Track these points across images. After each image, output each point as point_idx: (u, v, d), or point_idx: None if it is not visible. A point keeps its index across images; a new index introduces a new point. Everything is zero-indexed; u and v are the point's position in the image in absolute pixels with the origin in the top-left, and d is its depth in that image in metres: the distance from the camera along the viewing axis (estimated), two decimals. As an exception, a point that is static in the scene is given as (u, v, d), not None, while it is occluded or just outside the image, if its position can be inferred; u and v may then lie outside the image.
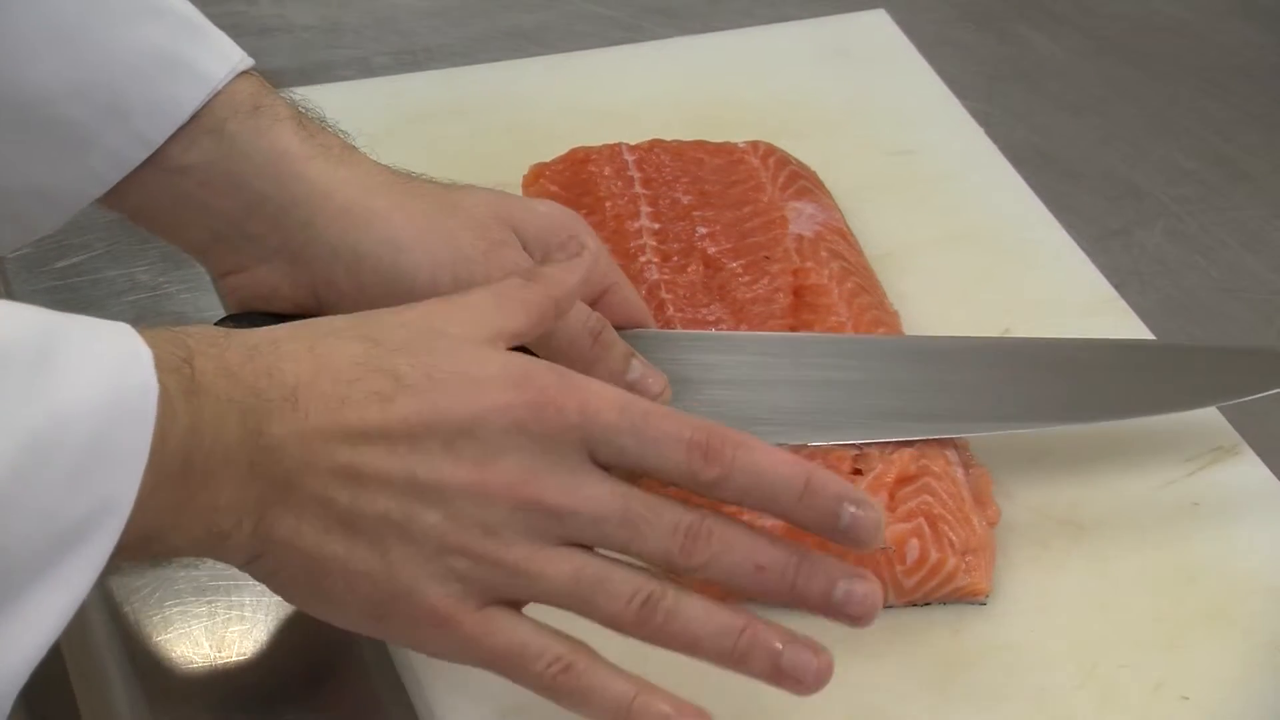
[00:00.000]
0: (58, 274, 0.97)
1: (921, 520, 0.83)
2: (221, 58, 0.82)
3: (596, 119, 1.05)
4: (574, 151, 0.99)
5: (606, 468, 0.71)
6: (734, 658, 0.71)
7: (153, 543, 0.69)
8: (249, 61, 0.83)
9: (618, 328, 0.84)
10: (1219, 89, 1.17)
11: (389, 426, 0.70)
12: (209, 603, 0.82)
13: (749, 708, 0.79)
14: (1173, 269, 1.05)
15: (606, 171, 0.97)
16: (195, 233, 0.83)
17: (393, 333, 0.72)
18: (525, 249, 0.83)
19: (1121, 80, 1.18)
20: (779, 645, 0.71)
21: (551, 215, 0.85)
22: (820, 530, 0.71)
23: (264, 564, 0.72)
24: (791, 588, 0.71)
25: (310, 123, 0.84)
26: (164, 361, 0.67)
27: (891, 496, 0.83)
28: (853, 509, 0.71)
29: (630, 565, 0.71)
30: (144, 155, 0.81)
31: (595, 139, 0.99)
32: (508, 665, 0.71)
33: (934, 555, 0.82)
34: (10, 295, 0.96)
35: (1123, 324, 0.97)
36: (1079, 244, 1.02)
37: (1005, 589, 0.84)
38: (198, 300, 0.96)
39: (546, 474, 0.70)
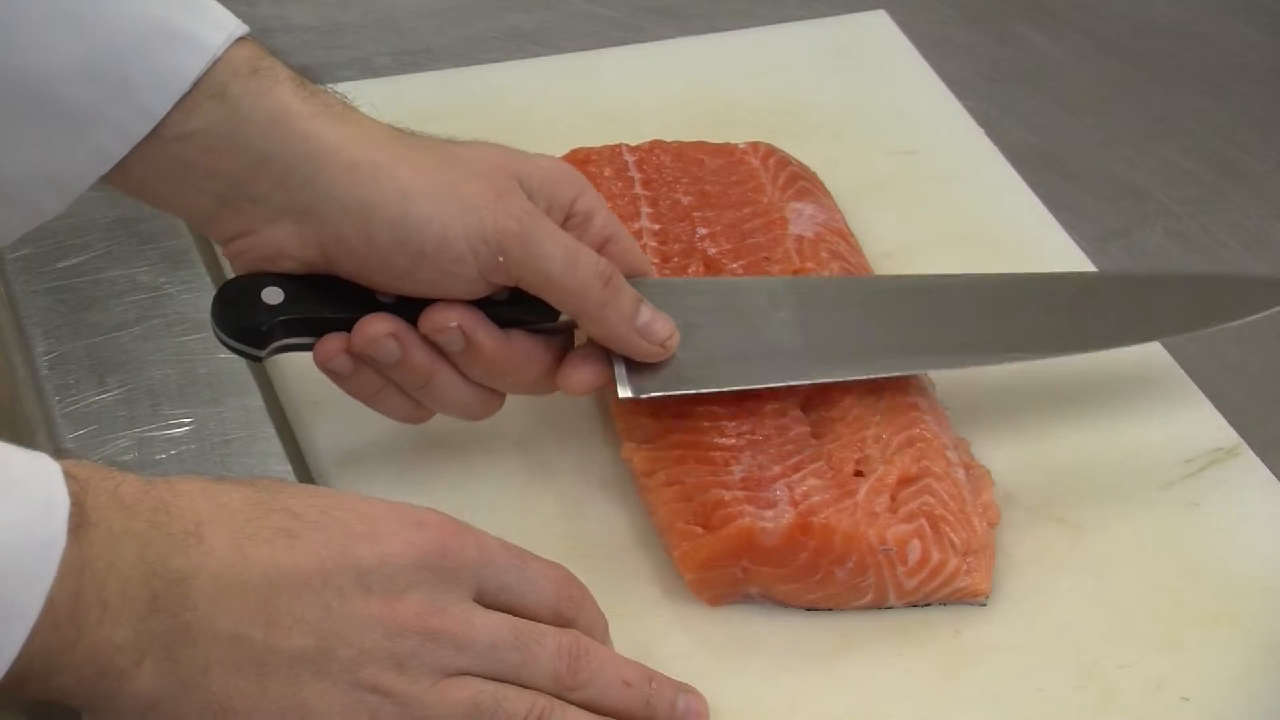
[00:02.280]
0: (58, 274, 0.97)
1: (923, 521, 0.83)
2: (218, 26, 0.81)
3: (596, 119, 1.05)
4: (574, 152, 0.99)
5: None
6: None
7: (31, 683, 0.66)
8: (244, 28, 0.82)
9: None
10: (1219, 89, 1.17)
11: (300, 560, 0.70)
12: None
13: (748, 708, 0.79)
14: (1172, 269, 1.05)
15: (607, 172, 0.97)
16: (199, 200, 0.83)
17: (286, 491, 0.72)
18: (530, 199, 0.83)
19: (1121, 81, 1.18)
20: None
21: (553, 167, 0.86)
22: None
23: (159, 712, 0.68)
24: (646, 703, 0.76)
25: (309, 84, 0.84)
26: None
27: (893, 498, 0.83)
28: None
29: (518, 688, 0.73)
30: (148, 128, 0.80)
31: (595, 139, 0.99)
32: None
33: (935, 556, 0.82)
34: (10, 295, 0.96)
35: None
36: (1079, 244, 1.02)
37: (1005, 589, 0.84)
38: (198, 300, 0.96)
39: (450, 607, 0.72)
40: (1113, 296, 0.92)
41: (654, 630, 0.80)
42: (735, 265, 0.93)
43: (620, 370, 0.85)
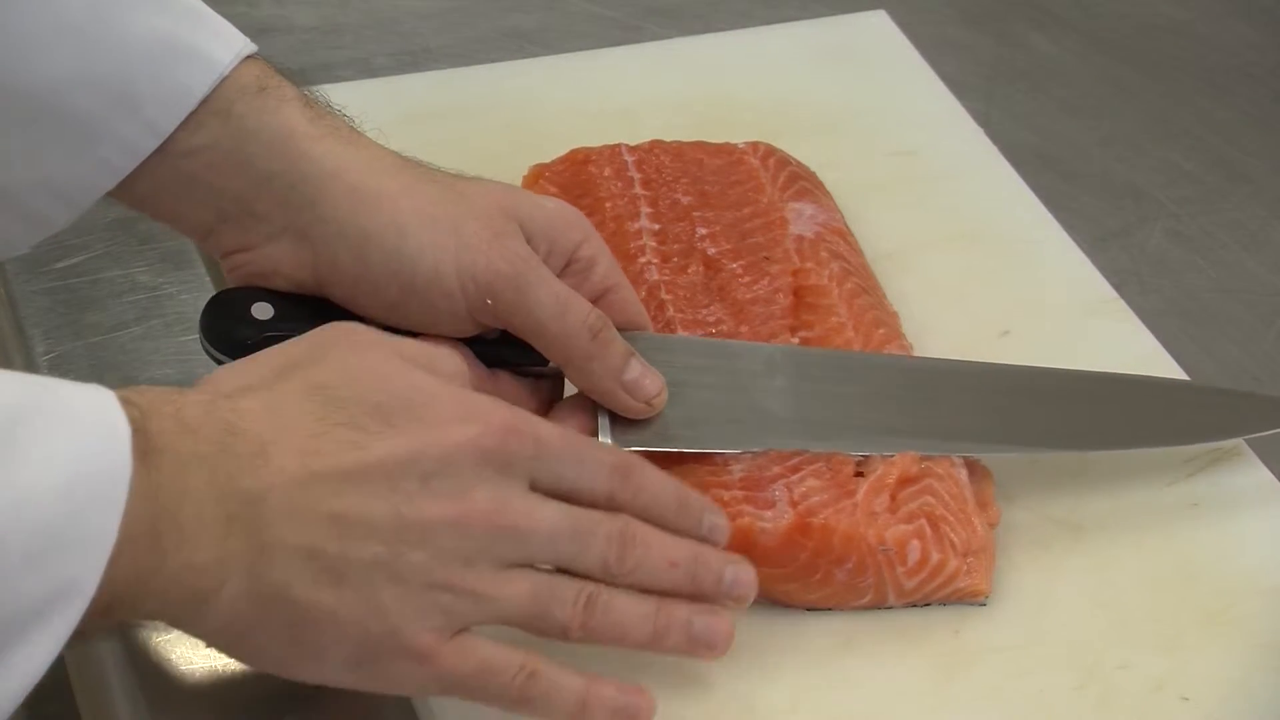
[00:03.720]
0: (58, 274, 0.97)
1: (923, 521, 0.83)
2: (226, 44, 0.82)
3: (596, 119, 1.05)
4: (574, 152, 0.99)
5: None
6: (655, 637, 0.76)
7: (117, 609, 0.67)
8: (252, 47, 0.83)
9: (617, 328, 0.84)
10: (1219, 90, 1.17)
11: (368, 470, 0.71)
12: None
13: (748, 708, 0.79)
14: (1173, 269, 1.05)
15: (606, 172, 0.97)
16: (201, 215, 0.83)
17: (344, 387, 0.73)
18: (531, 243, 0.83)
19: (1121, 81, 1.18)
20: (688, 616, 0.77)
21: (558, 212, 0.85)
22: (692, 535, 0.78)
23: (238, 626, 0.70)
24: (693, 578, 0.77)
25: (317, 105, 0.84)
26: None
27: (893, 498, 0.83)
28: (710, 517, 0.79)
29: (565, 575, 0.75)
30: (155, 144, 0.80)
31: (595, 139, 0.99)
32: (479, 686, 0.73)
33: (935, 556, 0.82)
34: (10, 296, 0.96)
35: (1122, 324, 0.97)
36: (1079, 244, 1.02)
37: (1005, 589, 0.84)
38: (198, 301, 0.95)
39: (511, 500, 0.73)
40: (1122, 399, 0.90)
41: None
42: (735, 265, 0.93)
43: (604, 421, 0.84)
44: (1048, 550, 0.86)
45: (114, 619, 0.68)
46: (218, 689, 0.80)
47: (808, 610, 0.83)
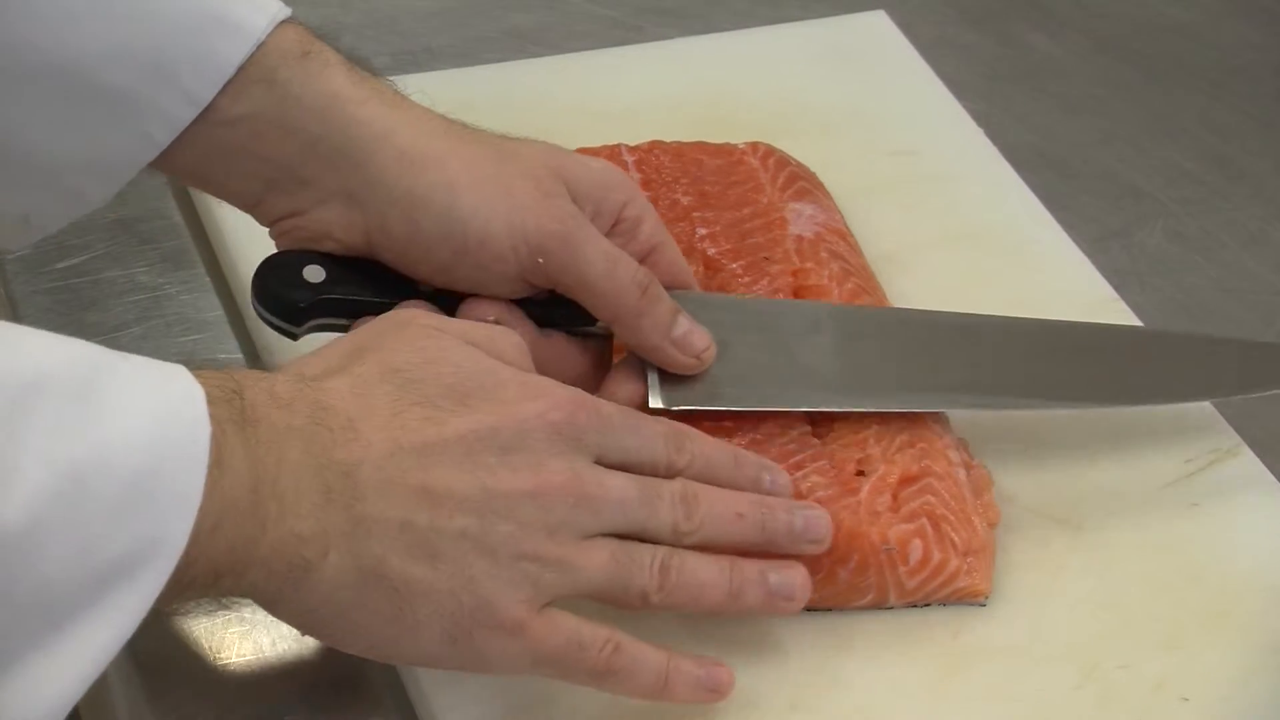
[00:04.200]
0: (58, 274, 0.97)
1: (924, 521, 0.83)
2: (260, 9, 0.81)
3: (596, 119, 1.05)
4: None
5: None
6: (732, 595, 0.77)
7: (224, 578, 0.68)
8: (286, 11, 0.82)
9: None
10: (1219, 89, 1.17)
11: (448, 444, 0.72)
12: (208, 603, 0.82)
13: (748, 708, 0.79)
14: (1173, 269, 1.05)
15: (606, 172, 0.97)
16: (249, 183, 0.83)
17: (417, 370, 0.74)
18: (576, 202, 0.84)
19: (1121, 80, 1.18)
20: (763, 571, 0.78)
21: (603, 172, 0.86)
22: (753, 491, 0.80)
23: (338, 601, 0.71)
24: (762, 528, 0.78)
25: (359, 68, 0.84)
26: (215, 394, 0.68)
27: (894, 497, 0.83)
28: (769, 476, 0.80)
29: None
30: (193, 114, 0.80)
31: (595, 139, 0.99)
32: (567, 659, 0.74)
33: (936, 556, 0.82)
34: (10, 295, 0.96)
35: (1123, 324, 0.97)
36: (1079, 244, 1.02)
37: (1005, 589, 0.84)
38: (198, 301, 0.96)
39: (584, 472, 0.75)
40: (1158, 352, 0.91)
41: (654, 629, 0.80)
42: (735, 265, 0.93)
43: (654, 379, 0.84)
44: (1048, 550, 0.86)
45: (221, 590, 0.69)
46: (217, 688, 0.80)
47: (808, 610, 0.83)
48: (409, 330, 0.76)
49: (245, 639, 0.81)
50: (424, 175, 0.81)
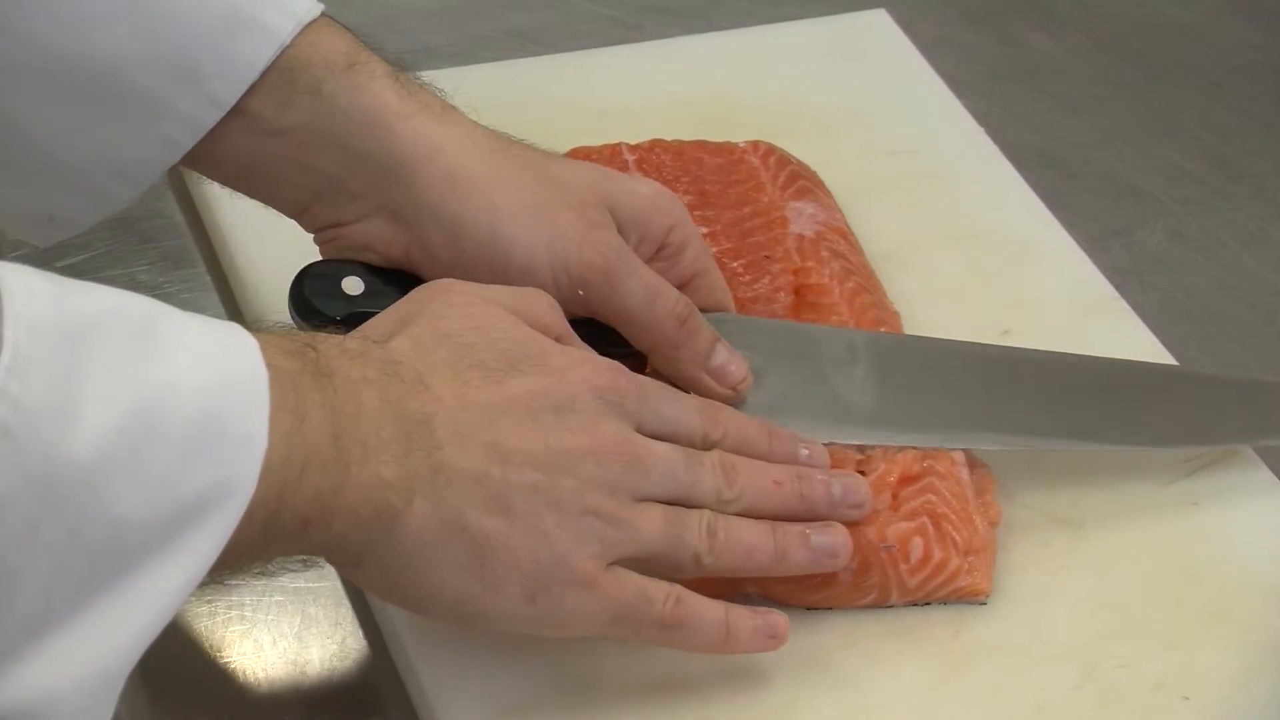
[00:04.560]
0: (58, 273, 0.96)
1: (925, 519, 0.83)
2: (286, 12, 0.81)
3: (596, 119, 1.05)
4: (574, 151, 0.98)
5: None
6: (778, 555, 0.78)
7: (312, 526, 0.68)
8: (316, 10, 0.82)
9: (700, 309, 0.85)
10: (1219, 89, 1.17)
11: (510, 402, 0.73)
12: (209, 602, 0.82)
13: (748, 708, 0.79)
14: (1173, 269, 1.05)
15: (607, 172, 0.97)
16: (295, 193, 0.83)
17: (467, 335, 0.75)
18: (621, 230, 0.84)
19: (1121, 80, 1.18)
20: (806, 531, 0.79)
21: (650, 198, 0.86)
22: (790, 462, 0.81)
23: (425, 554, 0.72)
24: (801, 495, 0.79)
25: (408, 80, 0.84)
26: (287, 346, 0.69)
27: (895, 496, 0.83)
28: (805, 450, 0.82)
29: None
30: (217, 117, 0.80)
31: (595, 139, 0.99)
32: (634, 615, 0.75)
33: (937, 554, 0.82)
34: (10, 295, 0.96)
35: (1123, 324, 0.97)
36: (1079, 244, 1.02)
37: (1005, 589, 0.84)
38: (198, 300, 0.96)
39: (631, 435, 0.76)
40: (1192, 395, 0.91)
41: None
42: (736, 264, 0.93)
43: None
44: (1048, 549, 0.86)
45: (310, 542, 0.69)
46: (217, 687, 0.80)
47: (808, 610, 0.83)
48: (453, 297, 0.76)
49: (245, 638, 0.81)
50: (469, 199, 0.81)
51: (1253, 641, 0.83)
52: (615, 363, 0.78)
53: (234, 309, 0.95)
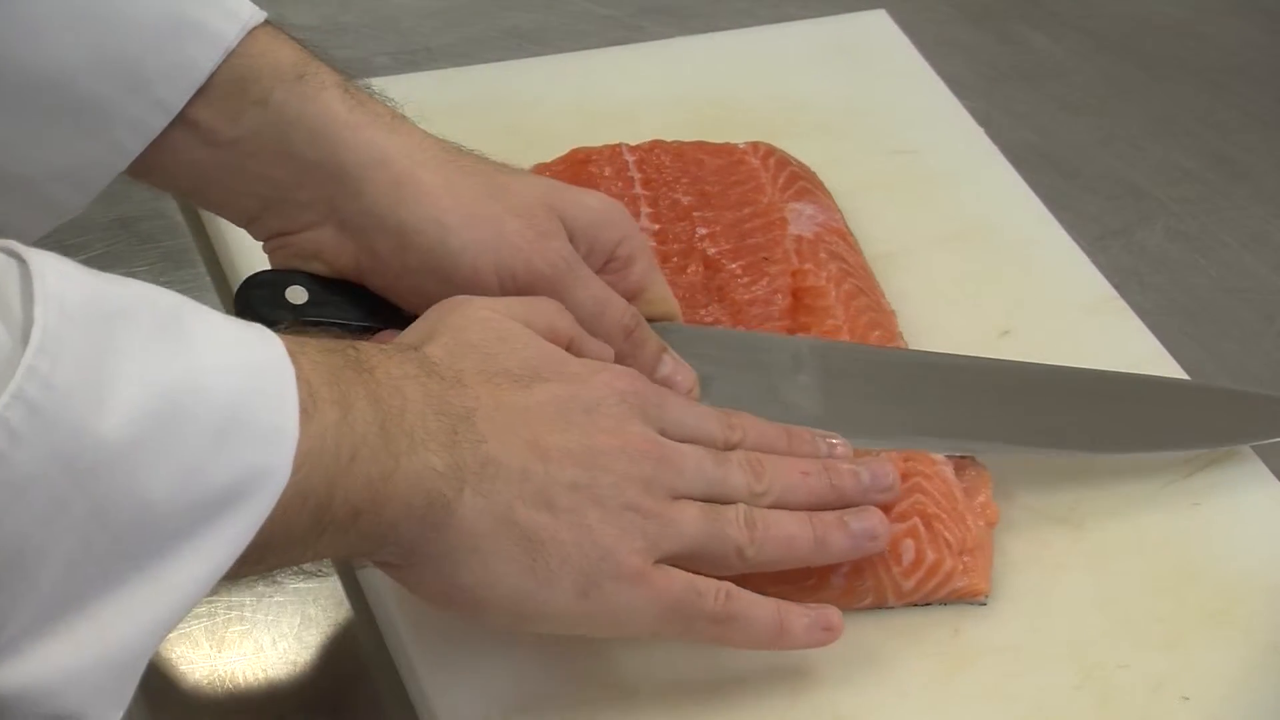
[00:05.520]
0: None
1: (916, 520, 0.83)
2: (231, 16, 0.81)
3: (596, 119, 1.05)
4: (574, 152, 0.99)
5: None
6: (819, 543, 0.79)
7: (363, 516, 0.69)
8: (260, 15, 0.82)
9: (648, 320, 0.85)
10: (1219, 89, 1.17)
11: (542, 405, 0.74)
12: (209, 603, 0.82)
13: (748, 708, 0.79)
14: (1173, 269, 1.05)
15: (607, 172, 0.97)
16: (246, 202, 0.83)
17: (492, 345, 0.75)
18: (572, 240, 0.84)
19: (1121, 80, 1.18)
20: (842, 518, 0.80)
21: (600, 210, 0.86)
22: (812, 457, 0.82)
23: (478, 546, 0.72)
24: (830, 485, 0.80)
25: (357, 90, 0.84)
26: (327, 345, 0.70)
27: (886, 498, 0.84)
28: (824, 443, 0.82)
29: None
30: (165, 122, 0.80)
31: (595, 139, 0.99)
32: (686, 609, 0.75)
33: (930, 556, 0.82)
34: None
35: (1123, 324, 0.97)
36: (1079, 244, 1.02)
37: (1005, 589, 0.84)
38: (198, 300, 0.95)
39: (660, 438, 0.77)
40: (1152, 400, 0.91)
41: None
42: (734, 265, 0.93)
43: None
44: (1048, 549, 0.86)
45: (361, 532, 0.69)
46: (217, 687, 0.80)
47: (808, 610, 0.83)
48: (471, 311, 0.77)
49: (245, 638, 0.81)
50: (416, 208, 0.81)
51: (1253, 641, 0.83)
52: (633, 370, 0.79)
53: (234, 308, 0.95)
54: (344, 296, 0.83)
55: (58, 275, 0.61)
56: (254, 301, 0.83)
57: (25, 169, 0.81)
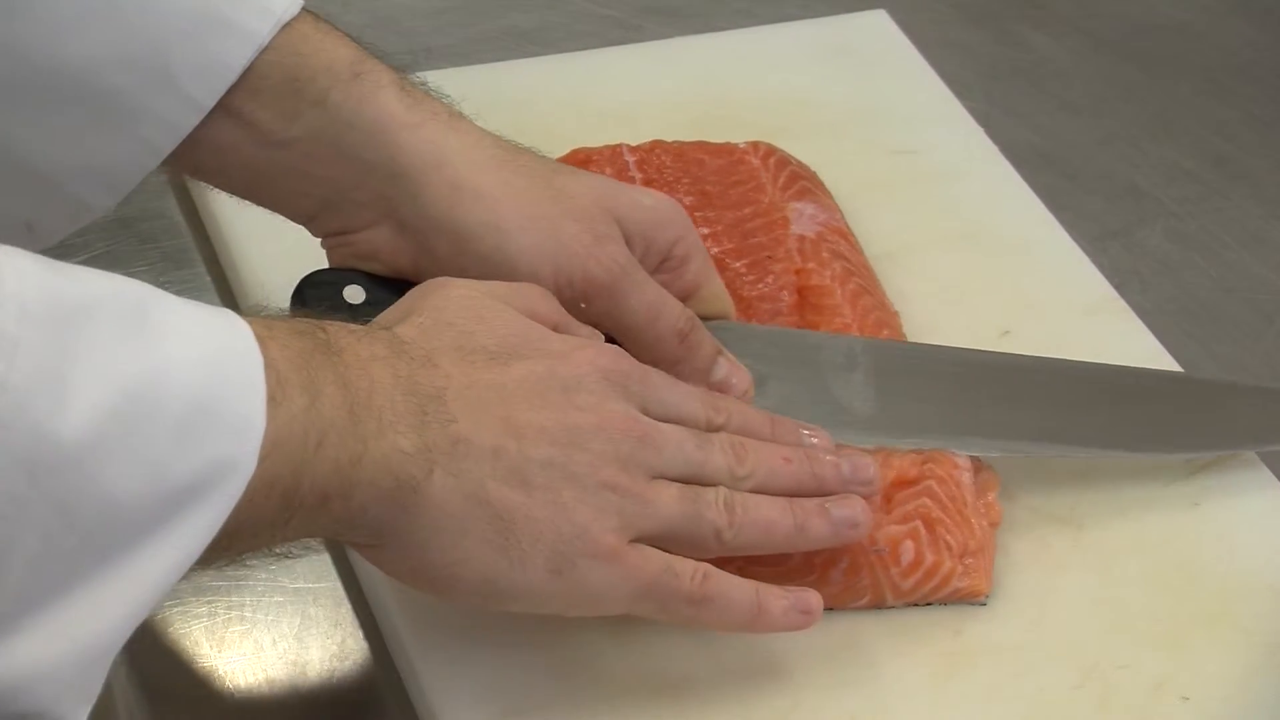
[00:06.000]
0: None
1: (918, 523, 0.83)
2: (263, 12, 0.81)
3: (597, 119, 1.05)
4: (575, 152, 0.99)
5: None
6: (799, 528, 0.78)
7: (332, 501, 0.69)
8: (295, 8, 0.82)
9: (702, 318, 0.86)
10: (1219, 89, 1.17)
11: (519, 382, 0.74)
12: (209, 603, 0.82)
13: (748, 708, 0.79)
14: (1173, 269, 1.05)
15: (607, 172, 0.97)
16: (304, 202, 0.84)
17: (470, 324, 0.75)
18: (628, 242, 0.84)
19: (1121, 80, 1.18)
20: (823, 504, 0.79)
21: (655, 209, 0.86)
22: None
23: (448, 527, 0.71)
24: (812, 473, 0.79)
25: (413, 88, 0.84)
26: (297, 327, 0.69)
27: (888, 499, 0.83)
28: (807, 433, 0.82)
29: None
30: (196, 120, 0.80)
31: (596, 139, 0.99)
32: (662, 588, 0.75)
33: (929, 558, 0.82)
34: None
35: (1123, 324, 0.97)
36: (1079, 244, 1.02)
37: (1005, 589, 0.84)
38: (198, 300, 0.95)
39: (641, 417, 0.76)
40: (1196, 401, 0.91)
41: (653, 630, 0.80)
42: (738, 264, 0.93)
43: None
44: (1048, 549, 0.86)
45: (331, 516, 0.69)
46: (217, 687, 0.80)
47: (808, 610, 0.83)
48: (451, 290, 0.77)
49: (245, 638, 0.81)
50: (474, 211, 0.81)
51: (1253, 641, 0.83)
52: (616, 347, 0.78)
53: (233, 308, 0.95)
54: (401, 296, 0.83)
55: (17, 275, 0.61)
56: (310, 300, 0.83)
57: (51, 166, 0.81)
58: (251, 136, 0.81)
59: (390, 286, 0.83)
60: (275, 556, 0.71)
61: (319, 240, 0.85)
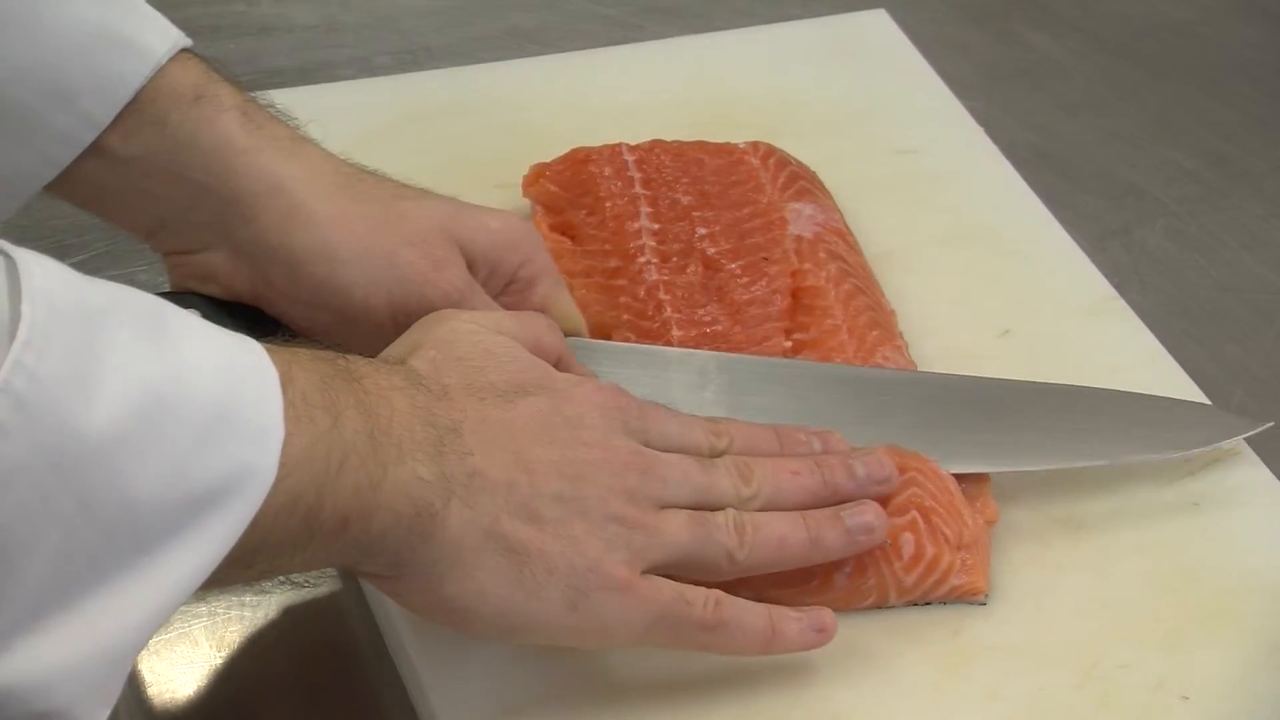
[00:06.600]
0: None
1: (915, 513, 0.83)
2: (161, 33, 0.81)
3: (596, 119, 1.05)
4: (574, 152, 0.99)
5: None
6: (813, 542, 0.79)
7: (351, 525, 0.69)
8: (186, 40, 0.82)
9: None
10: (1219, 89, 1.17)
11: (526, 419, 0.75)
12: (209, 603, 0.82)
13: (748, 708, 0.79)
14: (1173, 268, 1.05)
15: (607, 172, 0.97)
16: (142, 219, 0.83)
17: (477, 360, 0.75)
18: (471, 266, 0.84)
19: (1122, 80, 1.18)
20: (836, 514, 0.79)
21: (501, 233, 0.86)
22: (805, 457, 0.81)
23: (465, 558, 0.72)
24: (823, 482, 0.80)
25: (258, 111, 0.83)
26: (317, 353, 0.70)
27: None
28: (817, 439, 0.82)
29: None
30: (93, 135, 0.80)
31: (595, 139, 0.99)
32: (674, 618, 0.75)
33: (930, 550, 0.82)
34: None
35: (1123, 324, 0.97)
36: (1079, 244, 1.02)
37: (1005, 589, 0.84)
38: (198, 300, 0.96)
39: (644, 450, 0.77)
40: (1028, 405, 0.90)
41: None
42: (734, 265, 0.93)
43: None
44: (1047, 549, 0.86)
45: (349, 540, 0.69)
46: (217, 686, 0.80)
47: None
48: (459, 325, 0.77)
49: (245, 638, 0.81)
50: (307, 238, 0.81)
51: (1253, 641, 0.83)
52: (614, 384, 0.79)
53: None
54: (241, 321, 0.82)
55: (44, 272, 0.61)
56: None
57: None
58: (92, 152, 0.81)
59: (230, 309, 0.83)
60: (292, 585, 0.71)
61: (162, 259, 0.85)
